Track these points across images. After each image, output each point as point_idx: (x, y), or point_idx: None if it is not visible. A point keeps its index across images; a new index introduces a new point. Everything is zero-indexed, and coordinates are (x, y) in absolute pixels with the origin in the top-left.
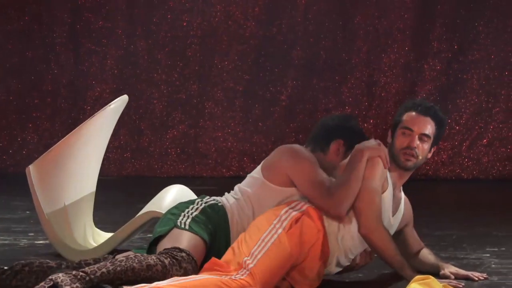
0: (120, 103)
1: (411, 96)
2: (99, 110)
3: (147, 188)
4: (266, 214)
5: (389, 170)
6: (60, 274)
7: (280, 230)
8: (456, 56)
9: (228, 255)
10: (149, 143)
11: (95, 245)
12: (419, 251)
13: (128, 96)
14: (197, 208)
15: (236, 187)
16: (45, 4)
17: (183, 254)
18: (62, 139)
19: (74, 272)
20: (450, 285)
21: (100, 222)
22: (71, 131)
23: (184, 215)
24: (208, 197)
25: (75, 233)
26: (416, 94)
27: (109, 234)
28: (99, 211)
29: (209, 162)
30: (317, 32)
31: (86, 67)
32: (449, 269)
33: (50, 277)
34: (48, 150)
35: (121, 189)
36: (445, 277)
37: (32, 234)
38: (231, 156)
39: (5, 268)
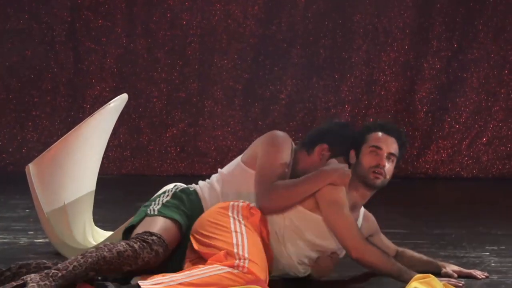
0: (119, 101)
1: (410, 95)
2: (99, 108)
3: (146, 187)
4: (214, 210)
5: (350, 190)
6: (33, 274)
7: (241, 220)
8: (455, 55)
9: (218, 255)
10: (148, 142)
11: (95, 243)
12: (395, 255)
13: (128, 95)
14: (168, 195)
15: None
16: (44, 2)
17: (154, 237)
18: (62, 138)
19: (46, 271)
20: (450, 283)
21: (100, 221)
22: (70, 129)
23: (155, 203)
24: (180, 184)
25: (75, 232)
26: (416, 92)
27: (109, 233)
28: (98, 210)
29: (209, 160)
30: (316, 30)
31: (85, 66)
32: (451, 267)
33: (22, 277)
34: (48, 149)
35: (120, 188)
36: (447, 275)
37: (32, 232)
38: (231, 155)
39: (3, 269)
